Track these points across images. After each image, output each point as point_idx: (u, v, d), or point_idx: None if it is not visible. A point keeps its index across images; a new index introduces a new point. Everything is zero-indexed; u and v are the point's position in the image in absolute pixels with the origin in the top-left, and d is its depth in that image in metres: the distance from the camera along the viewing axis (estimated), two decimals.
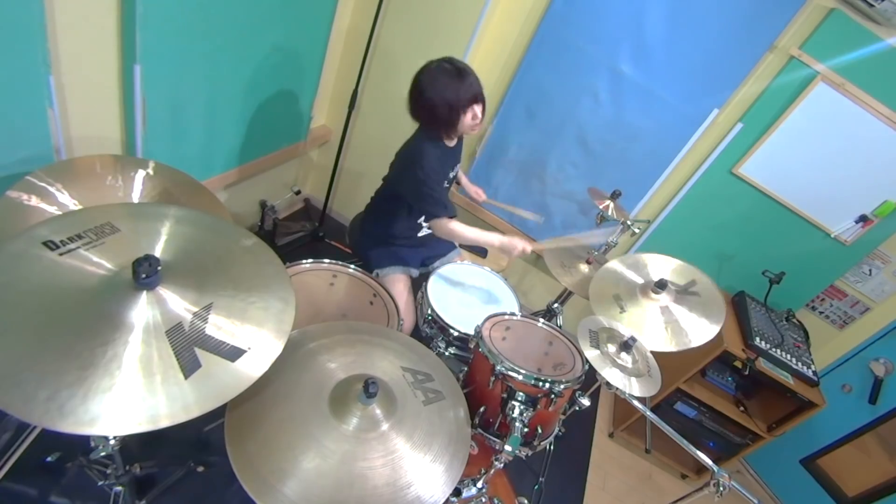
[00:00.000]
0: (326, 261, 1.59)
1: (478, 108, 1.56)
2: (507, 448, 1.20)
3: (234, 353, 0.82)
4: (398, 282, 1.78)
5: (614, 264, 1.66)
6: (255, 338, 0.85)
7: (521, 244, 1.60)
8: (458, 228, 1.61)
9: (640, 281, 1.58)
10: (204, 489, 1.59)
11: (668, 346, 1.42)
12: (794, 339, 2.26)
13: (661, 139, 2.23)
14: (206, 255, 0.94)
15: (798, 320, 2.41)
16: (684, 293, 1.53)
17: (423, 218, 1.82)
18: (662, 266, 1.63)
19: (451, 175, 1.78)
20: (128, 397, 0.71)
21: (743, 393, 2.36)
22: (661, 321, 1.47)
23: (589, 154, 2.37)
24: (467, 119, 1.55)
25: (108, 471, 1.30)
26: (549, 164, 2.45)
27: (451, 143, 1.70)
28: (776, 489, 2.56)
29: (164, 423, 0.72)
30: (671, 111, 2.16)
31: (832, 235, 2.22)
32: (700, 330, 1.44)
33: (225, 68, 1.73)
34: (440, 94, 1.50)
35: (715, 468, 1.17)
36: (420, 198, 1.62)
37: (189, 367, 0.77)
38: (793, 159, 2.12)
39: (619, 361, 1.30)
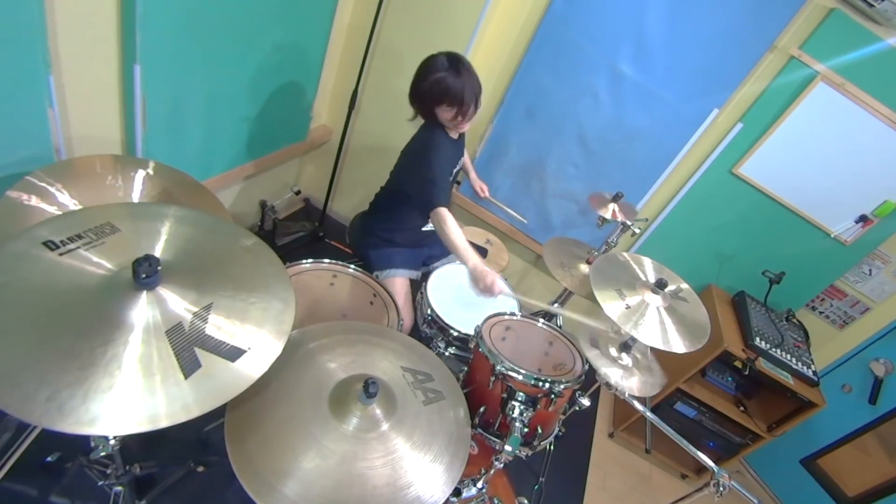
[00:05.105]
0: (326, 261, 1.59)
1: (453, 110, 1.51)
2: (507, 448, 1.20)
3: (234, 354, 0.82)
4: (398, 283, 1.78)
5: (619, 254, 1.64)
6: (254, 338, 0.85)
7: (490, 278, 1.43)
8: (451, 225, 1.48)
9: (641, 277, 1.57)
10: (204, 489, 1.59)
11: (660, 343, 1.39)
12: (794, 339, 2.26)
13: (661, 139, 2.23)
14: (206, 255, 0.94)
15: (798, 320, 2.41)
16: (675, 297, 1.52)
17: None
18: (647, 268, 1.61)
19: (455, 170, 1.78)
20: (128, 397, 0.71)
21: (743, 393, 2.36)
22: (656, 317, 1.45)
23: (589, 154, 2.37)
24: (444, 115, 1.54)
25: (108, 471, 1.30)
26: (549, 164, 2.45)
27: (454, 136, 1.69)
28: (776, 489, 2.56)
29: (164, 423, 0.72)
30: (671, 111, 2.15)
31: (832, 235, 2.22)
32: (688, 334, 1.38)
33: (225, 68, 1.73)
34: (424, 81, 1.50)
35: (715, 468, 1.17)
36: (423, 186, 1.53)
37: (189, 367, 0.77)
38: (793, 159, 2.12)
39: (620, 361, 1.31)
